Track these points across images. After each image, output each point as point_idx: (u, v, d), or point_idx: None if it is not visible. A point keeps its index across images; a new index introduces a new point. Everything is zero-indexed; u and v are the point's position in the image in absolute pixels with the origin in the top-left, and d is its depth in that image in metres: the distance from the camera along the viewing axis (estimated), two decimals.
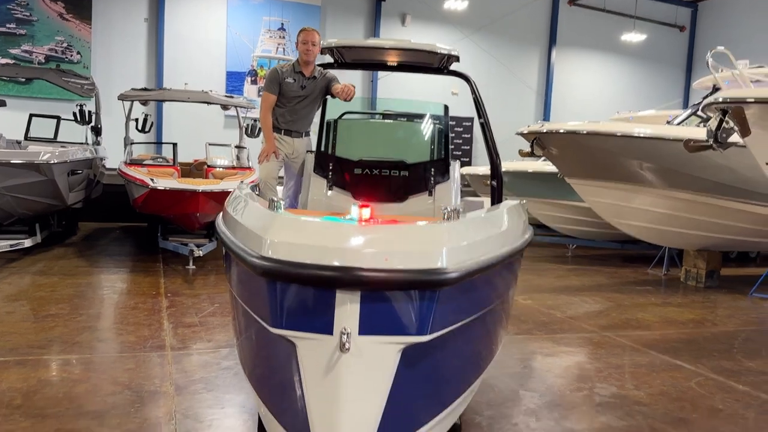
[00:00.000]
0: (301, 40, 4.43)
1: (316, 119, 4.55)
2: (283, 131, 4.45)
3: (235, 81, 15.38)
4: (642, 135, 7.20)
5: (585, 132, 7.32)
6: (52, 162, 7.47)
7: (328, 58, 4.55)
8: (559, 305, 6.77)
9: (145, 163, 8.89)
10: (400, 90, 15.10)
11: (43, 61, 13.65)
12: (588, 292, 7.68)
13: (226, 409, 3.57)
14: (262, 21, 15.62)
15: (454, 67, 4.46)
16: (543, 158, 8.69)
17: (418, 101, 4.54)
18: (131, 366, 4.19)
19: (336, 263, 1.59)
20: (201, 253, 7.73)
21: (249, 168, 9.37)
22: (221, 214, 2.75)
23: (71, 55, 13.93)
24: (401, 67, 4.59)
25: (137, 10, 14.72)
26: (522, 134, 7.95)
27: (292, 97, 4.41)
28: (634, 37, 18.51)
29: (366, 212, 1.79)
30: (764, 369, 4.85)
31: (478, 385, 2.53)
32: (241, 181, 7.84)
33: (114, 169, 10.26)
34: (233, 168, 9.20)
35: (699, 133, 5.18)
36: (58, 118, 9.34)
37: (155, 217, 8.89)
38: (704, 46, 19.28)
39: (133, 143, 9.68)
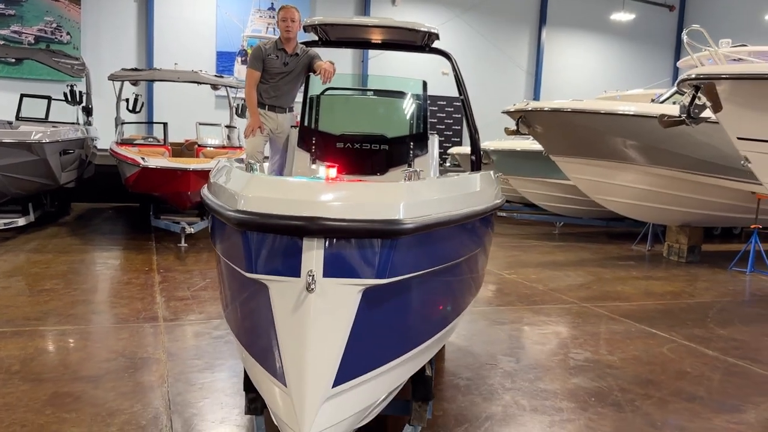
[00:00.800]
0: (281, 17, 4.56)
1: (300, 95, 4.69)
2: (267, 107, 4.59)
3: (225, 61, 15.41)
4: (625, 113, 7.36)
5: (569, 110, 7.46)
6: (44, 141, 7.57)
7: (312, 37, 4.68)
8: (542, 279, 6.96)
9: (136, 142, 8.99)
10: (391, 69, 15.17)
11: (33, 41, 13.66)
12: (572, 266, 7.87)
13: (216, 373, 3.74)
14: (252, 0, 15.62)
15: (436, 45, 4.60)
16: (530, 137, 8.84)
17: (399, 78, 4.67)
18: (125, 336, 4.35)
19: (302, 214, 1.78)
20: (193, 231, 7.87)
21: (239, 147, 9.48)
22: (206, 184, 2.90)
23: (61, 36, 13.93)
24: (384, 45, 4.72)
25: None
26: (508, 112, 8.09)
27: (275, 73, 4.54)
28: (623, 16, 18.59)
29: (333, 172, 1.96)
30: (735, 336, 5.06)
31: (442, 339, 2.70)
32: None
33: (106, 150, 10.35)
34: (224, 147, 9.31)
35: (676, 109, 5.34)
36: (49, 98, 9.41)
37: (147, 197, 9.00)
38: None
39: (124, 123, 9.76)
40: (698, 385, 3.90)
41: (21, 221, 7.99)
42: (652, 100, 9.52)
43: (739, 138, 4.89)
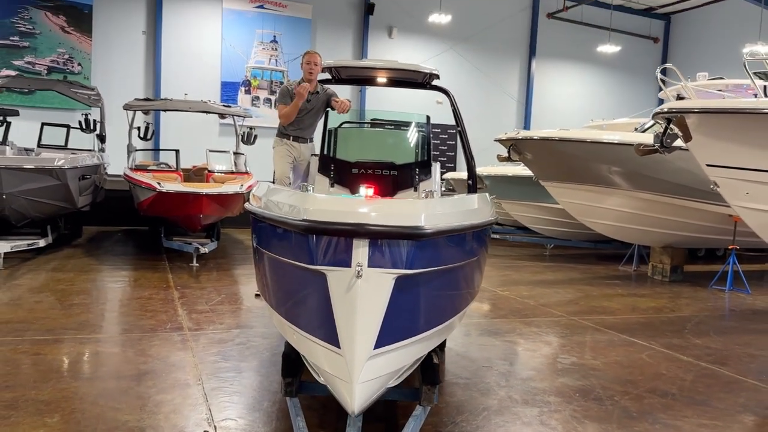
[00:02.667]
0: (305, 61, 5.16)
1: (319, 128, 5.28)
2: (291, 138, 5.16)
3: (229, 91, 16.04)
4: (609, 141, 7.94)
5: (557, 138, 8.04)
6: (65, 167, 8.07)
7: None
8: (533, 295, 7.45)
9: (149, 168, 9.49)
10: (387, 100, 15.86)
11: (46, 72, 14.25)
12: (561, 285, 8.37)
13: (243, 373, 4.21)
14: (255, 33, 16.33)
15: (435, 83, 5.18)
16: (521, 163, 9.40)
17: (405, 112, 5.27)
18: (156, 342, 4.81)
19: (353, 221, 2.40)
20: (206, 250, 8.34)
21: (247, 173, 10.00)
22: (248, 203, 3.40)
23: (72, 67, 14.53)
24: (390, 83, 5.30)
25: (136, 23, 15.37)
26: (500, 140, 8.66)
27: (300, 110, 5.13)
28: (609, 48, 19.39)
29: (370, 191, 2.52)
30: (709, 345, 5.55)
31: (453, 325, 3.23)
32: (247, 187, 8.50)
33: (116, 176, 10.86)
34: (232, 173, 9.82)
35: (651, 138, 5.89)
36: (68, 127, 9.94)
37: (158, 220, 9.48)
38: (677, 58, 20.23)
39: (137, 150, 10.28)
40: (672, 385, 4.38)
41: (42, 242, 8.44)
42: (635, 129, 10.15)
43: (707, 165, 5.44)
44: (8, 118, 9.19)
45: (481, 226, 3.00)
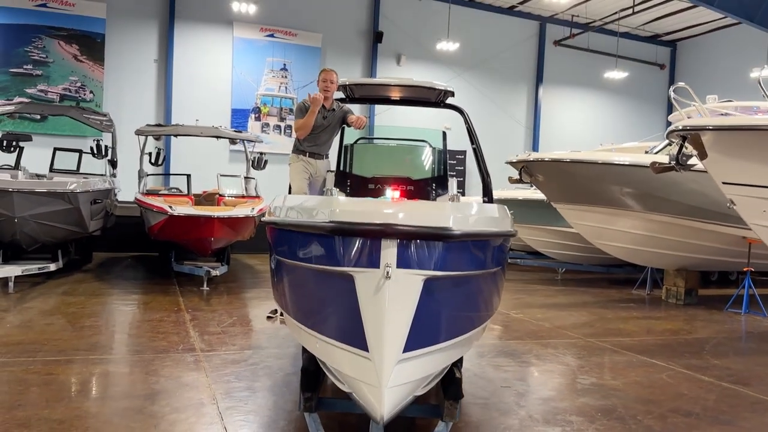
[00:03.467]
0: (322, 78, 5.18)
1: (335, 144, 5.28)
2: (308, 154, 5.17)
3: (239, 118, 16.16)
4: (620, 162, 7.91)
5: (568, 160, 8.02)
6: (77, 191, 8.08)
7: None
8: (547, 318, 7.36)
9: (161, 193, 9.51)
10: (396, 122, 15.94)
11: (58, 100, 14.42)
12: (575, 308, 8.27)
13: (257, 393, 4.14)
14: (265, 62, 16.51)
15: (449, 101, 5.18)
16: (531, 186, 9.37)
17: (421, 129, 5.27)
18: (169, 363, 4.75)
19: (382, 221, 2.34)
20: (218, 273, 8.31)
21: (258, 197, 10.00)
22: (266, 215, 3.36)
23: (84, 94, 14.70)
24: (403, 102, 5.31)
25: (147, 51, 15.57)
26: (511, 163, 8.65)
27: (316, 126, 5.15)
28: (616, 74, 19.48)
29: (396, 194, 2.49)
30: (729, 366, 5.45)
31: (476, 337, 3.16)
32: (258, 210, 8.49)
33: (126, 202, 10.89)
34: (243, 197, 9.83)
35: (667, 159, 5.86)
36: (80, 152, 10.00)
37: (169, 244, 9.46)
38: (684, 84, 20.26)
39: (148, 175, 10.32)
40: (694, 404, 4.28)
41: (52, 267, 8.41)
42: (646, 152, 10.13)
43: (724, 183, 5.40)
44: (21, 144, 9.24)
45: (504, 235, 2.96)
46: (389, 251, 2.33)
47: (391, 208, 2.41)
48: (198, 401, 3.91)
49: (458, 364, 3.25)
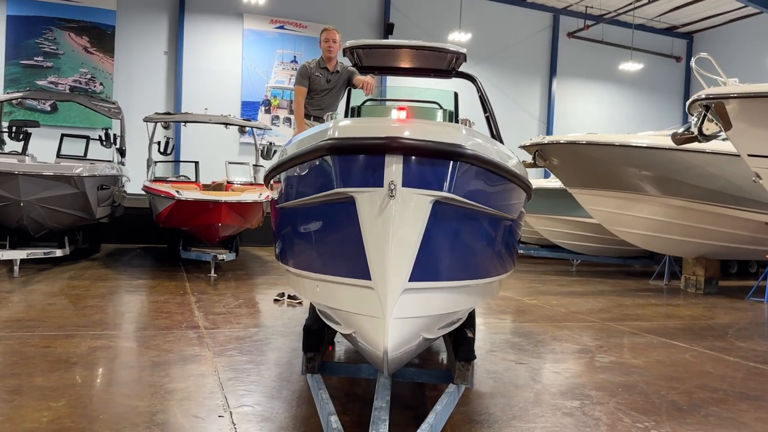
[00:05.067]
0: (323, 38, 4.99)
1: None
2: (312, 118, 4.99)
3: (249, 110, 16.03)
4: (638, 144, 7.67)
5: (584, 142, 7.79)
6: (84, 175, 7.97)
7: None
8: (563, 304, 7.14)
9: (169, 180, 9.39)
10: (410, 84, 15.71)
11: (69, 91, 14.35)
12: (591, 295, 8.05)
13: (261, 366, 3.96)
14: (275, 54, 16.38)
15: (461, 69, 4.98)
16: (544, 170, 9.15)
17: (431, 90, 5.02)
18: (171, 338, 4.59)
19: (385, 135, 2.15)
20: (225, 258, 8.16)
21: None
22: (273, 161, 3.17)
23: (94, 86, 14.64)
24: (412, 71, 5.11)
25: (157, 43, 15.49)
26: (524, 147, 8.43)
27: (320, 90, 4.96)
28: (631, 66, 19.16)
29: (402, 114, 2.28)
30: (755, 348, 5.21)
31: (489, 290, 2.95)
32: (266, 196, 8.29)
33: (135, 195, 10.80)
34: (252, 184, 9.68)
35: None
36: (88, 138, 9.90)
37: (176, 233, 9.33)
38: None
39: (156, 162, 10.21)
40: (721, 382, 4.06)
41: (59, 252, 8.30)
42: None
43: (749, 155, 5.16)
44: (29, 130, 9.15)
45: (520, 180, 2.74)
46: (394, 168, 2.13)
47: (397, 124, 2.20)
48: (199, 373, 3.74)
49: (470, 325, 3.05)
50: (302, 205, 2.51)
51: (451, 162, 2.21)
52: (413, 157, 2.16)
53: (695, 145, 6.89)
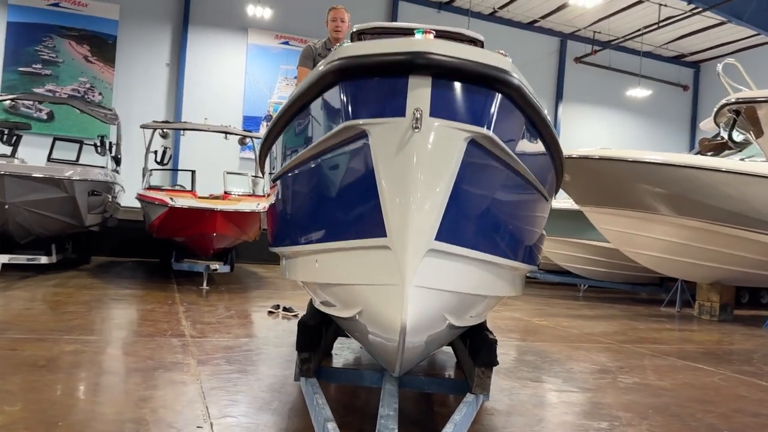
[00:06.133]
0: (331, 17, 4.65)
1: None
2: None
3: (251, 125, 15.75)
4: (652, 161, 7.32)
5: (597, 157, 7.44)
6: (74, 178, 7.63)
7: None
8: (575, 326, 6.74)
9: (164, 188, 9.04)
10: None
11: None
12: (602, 319, 7.65)
13: (249, 375, 3.56)
14: (279, 69, 16.17)
15: None
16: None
17: None
18: (152, 346, 4.19)
19: (409, 50, 1.69)
20: (218, 268, 7.77)
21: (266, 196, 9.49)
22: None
23: (93, 96, 14.38)
24: None
25: (159, 55, 15.28)
26: None
27: None
28: (639, 92, 18.97)
29: (431, 36, 1.84)
30: None
31: (515, 279, 2.54)
32: (264, 207, 7.90)
33: (129, 207, 10.45)
34: (250, 195, 9.34)
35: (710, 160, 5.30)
36: (81, 142, 9.56)
37: (170, 244, 8.95)
38: (707, 106, 19.75)
39: (152, 171, 9.86)
40: (760, 406, 3.66)
41: (43, 259, 7.92)
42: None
43: None
44: (19, 132, 8.82)
45: (557, 150, 2.35)
46: (420, 92, 1.67)
47: (424, 41, 1.73)
48: (179, 380, 3.34)
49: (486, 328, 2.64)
50: (302, 161, 2.10)
51: (496, 93, 1.76)
52: (446, 81, 1.70)
53: (712, 163, 6.57)
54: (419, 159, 1.70)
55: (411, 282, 1.71)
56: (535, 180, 2.16)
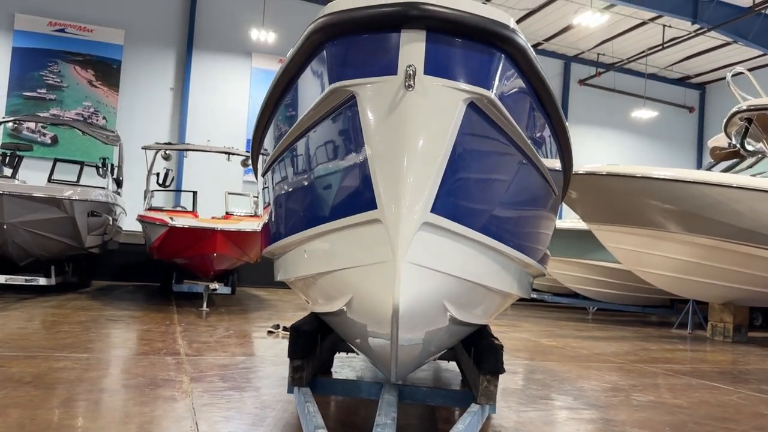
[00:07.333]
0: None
1: None
2: None
3: None
4: (661, 177, 7.17)
5: (604, 173, 7.30)
6: (73, 199, 7.54)
7: None
8: (584, 346, 6.54)
9: (165, 209, 8.95)
10: None
11: None
12: (613, 340, 7.44)
13: (244, 393, 3.40)
14: None
15: None
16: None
17: None
18: (145, 363, 4.04)
19: (401, 0, 1.53)
20: (219, 290, 7.62)
21: None
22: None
23: (97, 119, 14.39)
24: None
25: (164, 79, 15.32)
26: None
27: None
28: (643, 114, 18.90)
29: None
30: None
31: (521, 277, 2.36)
32: None
33: (131, 231, 10.37)
34: (252, 216, 9.22)
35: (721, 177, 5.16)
36: (82, 163, 9.51)
37: (171, 265, 8.82)
38: (713, 127, 19.66)
39: (154, 192, 9.79)
40: None
41: (42, 280, 7.81)
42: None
43: None
44: (21, 153, 8.77)
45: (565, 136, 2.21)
46: (413, 47, 1.51)
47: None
48: (170, 397, 3.18)
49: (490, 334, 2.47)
50: (290, 142, 1.95)
51: (497, 51, 1.60)
52: (442, 35, 1.53)
53: (723, 179, 6.43)
54: (412, 120, 1.54)
55: (404, 257, 1.54)
56: (543, 166, 2.02)
